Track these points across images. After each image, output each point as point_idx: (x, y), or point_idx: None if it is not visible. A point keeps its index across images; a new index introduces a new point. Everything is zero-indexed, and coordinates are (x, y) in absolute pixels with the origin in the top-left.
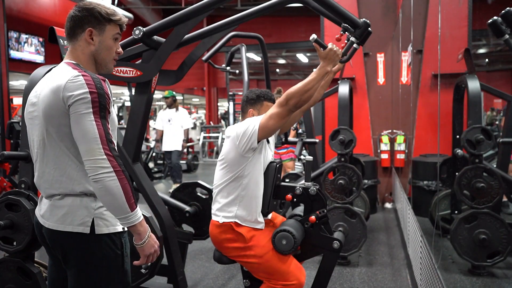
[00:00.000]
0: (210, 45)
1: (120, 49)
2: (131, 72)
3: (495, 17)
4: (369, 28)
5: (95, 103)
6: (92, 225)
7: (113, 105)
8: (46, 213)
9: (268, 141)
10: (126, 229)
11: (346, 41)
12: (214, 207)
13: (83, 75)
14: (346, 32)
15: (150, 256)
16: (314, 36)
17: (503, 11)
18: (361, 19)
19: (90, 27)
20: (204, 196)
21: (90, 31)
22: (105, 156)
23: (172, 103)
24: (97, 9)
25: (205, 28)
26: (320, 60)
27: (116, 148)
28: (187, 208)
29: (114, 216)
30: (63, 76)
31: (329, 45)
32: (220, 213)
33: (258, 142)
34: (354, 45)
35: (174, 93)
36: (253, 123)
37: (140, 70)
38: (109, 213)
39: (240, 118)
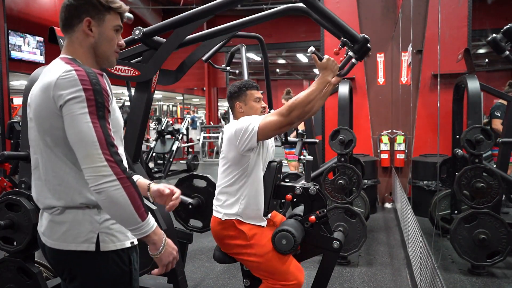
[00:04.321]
0: (210, 48)
1: (122, 41)
2: (129, 71)
3: (494, 35)
4: (368, 44)
5: (90, 101)
6: (97, 242)
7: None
8: (47, 231)
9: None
10: (136, 242)
11: (345, 55)
12: (216, 203)
13: (76, 70)
14: (345, 46)
15: (169, 264)
16: (312, 48)
17: (505, 27)
18: (361, 34)
19: (88, 16)
20: (202, 186)
21: (89, 21)
22: (106, 163)
23: None
24: None
25: (206, 31)
26: (320, 71)
27: (119, 152)
28: (189, 200)
29: (125, 228)
30: (55, 72)
31: (326, 57)
32: (222, 210)
33: (258, 142)
34: (353, 60)
35: None
36: (252, 123)
37: (139, 69)
38: (116, 227)
39: (231, 115)
